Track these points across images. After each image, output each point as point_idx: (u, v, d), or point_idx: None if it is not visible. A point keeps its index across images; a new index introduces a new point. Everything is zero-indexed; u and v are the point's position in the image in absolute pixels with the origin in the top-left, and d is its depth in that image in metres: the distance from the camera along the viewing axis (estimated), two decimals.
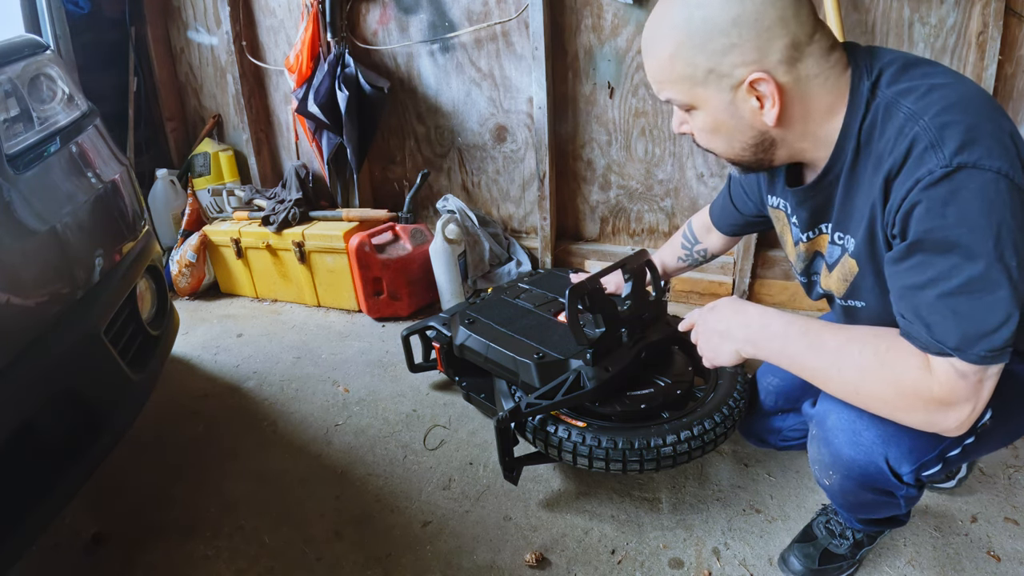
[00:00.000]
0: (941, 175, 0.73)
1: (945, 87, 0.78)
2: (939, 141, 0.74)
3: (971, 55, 1.75)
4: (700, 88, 0.85)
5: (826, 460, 1.00)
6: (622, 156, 2.26)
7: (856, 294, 0.96)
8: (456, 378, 1.68)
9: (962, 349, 0.74)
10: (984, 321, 0.73)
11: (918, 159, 0.75)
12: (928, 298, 0.76)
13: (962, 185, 0.72)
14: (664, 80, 0.88)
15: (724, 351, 0.98)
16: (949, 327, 0.74)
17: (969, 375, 0.75)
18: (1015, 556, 1.21)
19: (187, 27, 2.80)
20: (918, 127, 0.76)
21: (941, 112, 0.75)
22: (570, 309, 1.25)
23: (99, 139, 1.37)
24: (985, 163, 0.71)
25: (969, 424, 0.78)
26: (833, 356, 0.84)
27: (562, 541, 1.30)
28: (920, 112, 0.77)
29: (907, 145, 0.77)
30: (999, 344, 0.73)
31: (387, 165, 2.69)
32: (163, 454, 1.64)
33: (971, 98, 0.77)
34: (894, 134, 0.79)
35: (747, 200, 1.23)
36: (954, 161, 0.72)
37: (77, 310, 1.12)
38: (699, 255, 1.46)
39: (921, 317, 0.77)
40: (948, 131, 0.74)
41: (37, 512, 1.03)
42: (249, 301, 2.58)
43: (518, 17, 2.17)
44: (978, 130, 0.73)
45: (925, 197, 0.74)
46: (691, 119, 0.91)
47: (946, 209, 0.73)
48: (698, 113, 0.89)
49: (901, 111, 0.79)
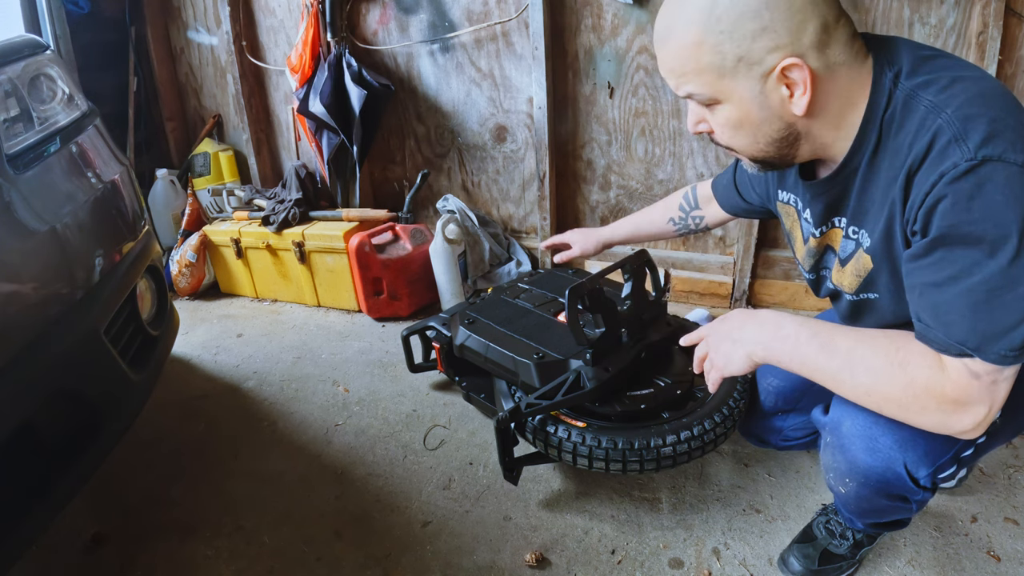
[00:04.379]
0: (967, 168, 0.71)
1: (966, 80, 0.76)
2: (963, 134, 0.72)
3: (971, 55, 1.74)
4: (728, 79, 0.79)
5: (842, 468, 0.98)
6: (622, 156, 2.26)
7: (869, 288, 0.94)
8: (456, 378, 1.68)
9: (982, 348, 0.72)
10: (1005, 318, 0.71)
11: (941, 152, 0.73)
12: (947, 296, 0.74)
13: (988, 179, 0.70)
14: (687, 72, 0.81)
15: (736, 356, 0.94)
16: (968, 325, 0.73)
17: (983, 375, 0.74)
18: (1015, 556, 1.21)
19: (187, 27, 2.80)
20: (941, 120, 0.74)
21: (964, 105, 0.74)
22: (570, 309, 1.25)
23: (99, 139, 1.37)
24: (1010, 156, 0.70)
25: (986, 426, 0.77)
26: (845, 358, 0.82)
27: (562, 541, 1.30)
28: (942, 105, 0.75)
29: (929, 138, 0.75)
30: (1019, 343, 0.72)
31: (387, 165, 2.69)
32: (163, 454, 1.64)
33: (992, 91, 0.75)
34: (915, 127, 0.77)
35: (752, 191, 1.21)
36: (979, 154, 0.70)
37: (77, 310, 1.12)
38: (694, 222, 1.43)
39: (939, 317, 0.75)
40: (972, 124, 0.72)
41: (37, 512, 1.03)
42: (249, 301, 2.58)
43: (518, 17, 2.17)
44: (1002, 123, 0.72)
45: (951, 191, 0.72)
46: (712, 116, 0.86)
47: (972, 203, 0.71)
48: (722, 108, 0.83)
49: (922, 103, 0.77)
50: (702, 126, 0.89)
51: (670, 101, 2.10)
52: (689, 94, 0.84)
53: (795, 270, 2.14)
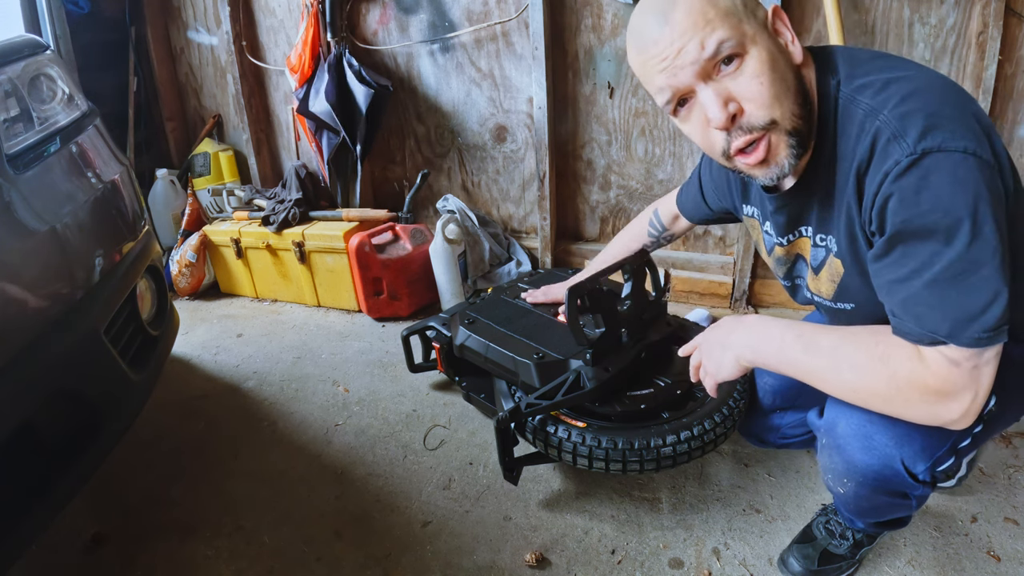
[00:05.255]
0: (908, 164, 0.72)
1: (901, 80, 0.78)
2: (901, 131, 0.74)
3: (971, 55, 1.74)
4: (746, 23, 0.79)
5: (840, 468, 0.99)
6: (622, 156, 2.26)
7: (845, 296, 0.96)
8: (456, 378, 1.68)
9: (955, 335, 0.73)
10: (972, 303, 0.72)
11: (883, 152, 0.75)
12: (914, 289, 0.76)
13: (931, 170, 0.72)
14: (712, 19, 0.77)
15: (726, 361, 0.97)
16: (938, 315, 0.74)
17: (962, 362, 0.74)
18: (1015, 556, 1.21)
19: (187, 27, 2.80)
20: (879, 121, 0.76)
21: (899, 104, 0.75)
22: (570, 309, 1.25)
23: (99, 139, 1.37)
24: (950, 144, 0.71)
25: (975, 413, 0.77)
26: (829, 357, 0.84)
27: (562, 541, 1.30)
28: (879, 107, 0.77)
29: (870, 140, 0.77)
30: (991, 324, 0.72)
31: (387, 165, 2.69)
32: (163, 454, 1.64)
33: (929, 86, 0.77)
34: (856, 131, 0.79)
35: (718, 200, 1.23)
36: (918, 148, 0.72)
37: (77, 310, 1.12)
38: (664, 240, 1.48)
39: (909, 310, 0.77)
40: (908, 120, 0.74)
41: (37, 512, 1.03)
42: (249, 301, 2.58)
43: (518, 17, 2.17)
44: (938, 116, 0.73)
45: (896, 188, 0.74)
46: (740, 76, 0.78)
47: (919, 197, 0.73)
48: (750, 57, 0.78)
49: (860, 108, 0.79)
50: (732, 105, 0.80)
51: None
52: (717, 46, 0.77)
53: None
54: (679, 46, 0.78)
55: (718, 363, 0.99)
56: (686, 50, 0.78)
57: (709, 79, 0.80)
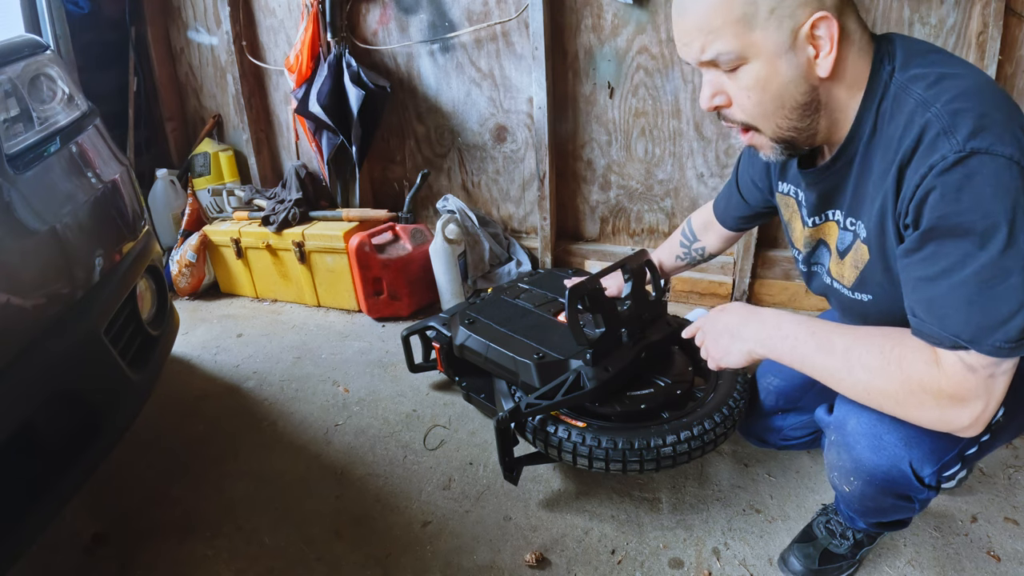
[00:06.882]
0: (955, 160, 0.72)
1: (956, 76, 0.78)
2: (952, 127, 0.73)
3: (971, 55, 1.75)
4: (759, 32, 0.78)
5: (847, 466, 0.98)
6: (622, 156, 2.26)
7: (864, 286, 0.95)
8: (456, 378, 1.68)
9: (977, 340, 0.73)
10: (998, 309, 0.72)
11: (930, 145, 0.75)
12: (941, 289, 0.75)
13: (975, 171, 0.71)
14: (717, 27, 0.79)
15: (735, 351, 0.98)
16: (963, 319, 0.73)
17: (978, 369, 0.74)
18: (1015, 556, 1.21)
19: (187, 27, 2.80)
20: (930, 114, 0.76)
21: (952, 100, 0.75)
22: (570, 309, 1.25)
23: (99, 139, 1.37)
24: (997, 149, 0.71)
25: (985, 422, 0.77)
26: (842, 356, 0.84)
27: (562, 541, 1.30)
28: (931, 100, 0.76)
29: (918, 132, 0.76)
30: (1014, 334, 0.72)
31: (387, 165, 2.69)
32: (163, 454, 1.64)
33: (981, 87, 0.77)
34: (904, 120, 0.79)
35: (755, 189, 1.22)
36: (967, 146, 0.72)
37: (77, 310, 1.12)
38: (697, 253, 1.46)
39: (934, 311, 0.76)
40: (960, 118, 0.73)
41: (37, 512, 1.03)
42: (249, 301, 2.58)
43: (518, 17, 2.17)
44: (989, 118, 0.73)
45: (940, 183, 0.73)
46: (735, 81, 0.83)
47: (960, 194, 0.72)
48: (748, 68, 0.81)
49: (912, 98, 0.78)
50: (719, 99, 0.86)
51: (670, 101, 2.10)
52: (715, 55, 0.81)
53: (795, 270, 2.13)
54: (686, 41, 0.85)
55: (725, 350, 1.00)
56: (690, 47, 0.84)
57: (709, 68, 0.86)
